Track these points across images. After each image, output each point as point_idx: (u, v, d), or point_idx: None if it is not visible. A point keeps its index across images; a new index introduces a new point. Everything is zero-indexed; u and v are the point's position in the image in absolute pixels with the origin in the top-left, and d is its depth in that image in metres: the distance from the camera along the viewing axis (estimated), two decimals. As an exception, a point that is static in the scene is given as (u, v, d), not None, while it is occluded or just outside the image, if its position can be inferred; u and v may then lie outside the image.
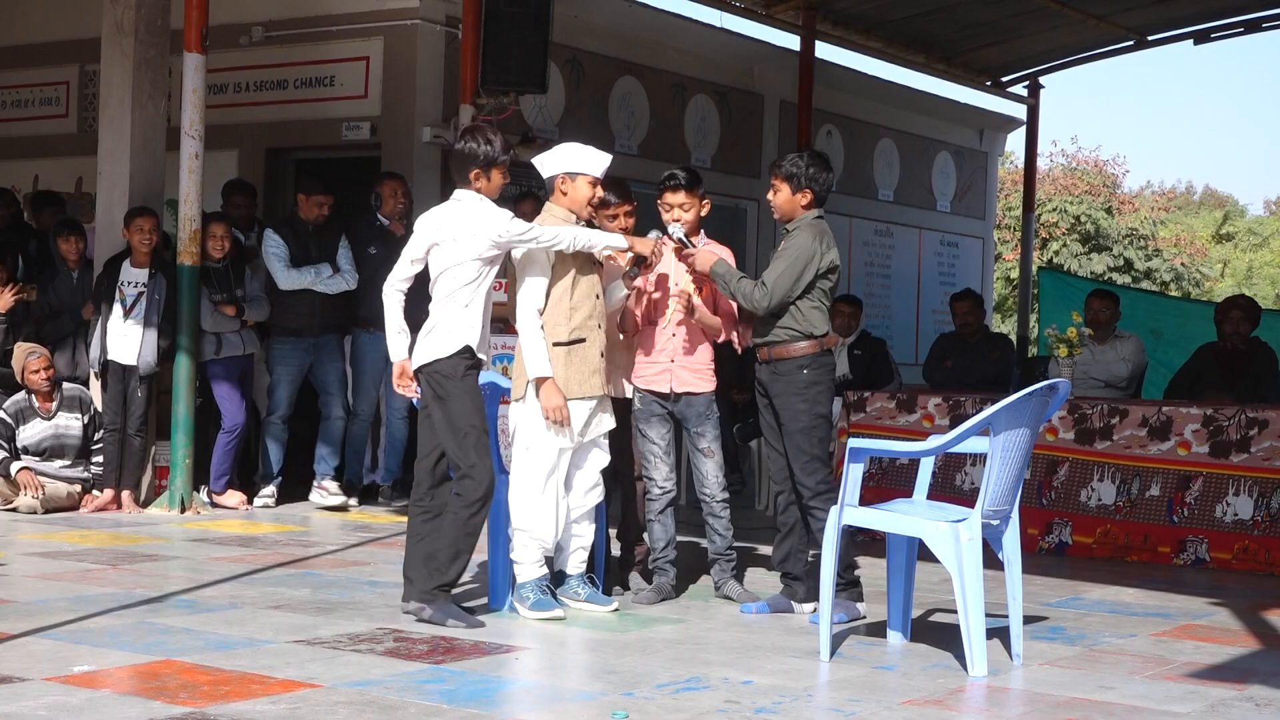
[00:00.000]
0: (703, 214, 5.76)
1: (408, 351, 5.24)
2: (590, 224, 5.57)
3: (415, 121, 9.55)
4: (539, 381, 5.29)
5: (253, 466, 8.59)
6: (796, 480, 5.44)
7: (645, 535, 5.92)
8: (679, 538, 5.88)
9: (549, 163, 5.45)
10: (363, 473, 8.59)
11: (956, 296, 9.53)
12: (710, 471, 5.74)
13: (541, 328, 5.31)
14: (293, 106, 10.03)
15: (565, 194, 5.42)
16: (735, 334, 5.76)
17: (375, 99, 9.77)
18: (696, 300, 5.67)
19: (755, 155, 12.47)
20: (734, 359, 5.97)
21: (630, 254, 5.50)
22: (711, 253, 5.63)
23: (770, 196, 5.60)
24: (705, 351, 5.78)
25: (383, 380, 8.41)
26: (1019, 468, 4.73)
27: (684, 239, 5.63)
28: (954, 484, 7.60)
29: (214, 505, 8.10)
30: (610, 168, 5.50)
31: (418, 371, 5.21)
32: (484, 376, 5.34)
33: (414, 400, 5.36)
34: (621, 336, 5.77)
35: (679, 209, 5.70)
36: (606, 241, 5.35)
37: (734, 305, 5.65)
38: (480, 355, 5.18)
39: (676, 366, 5.73)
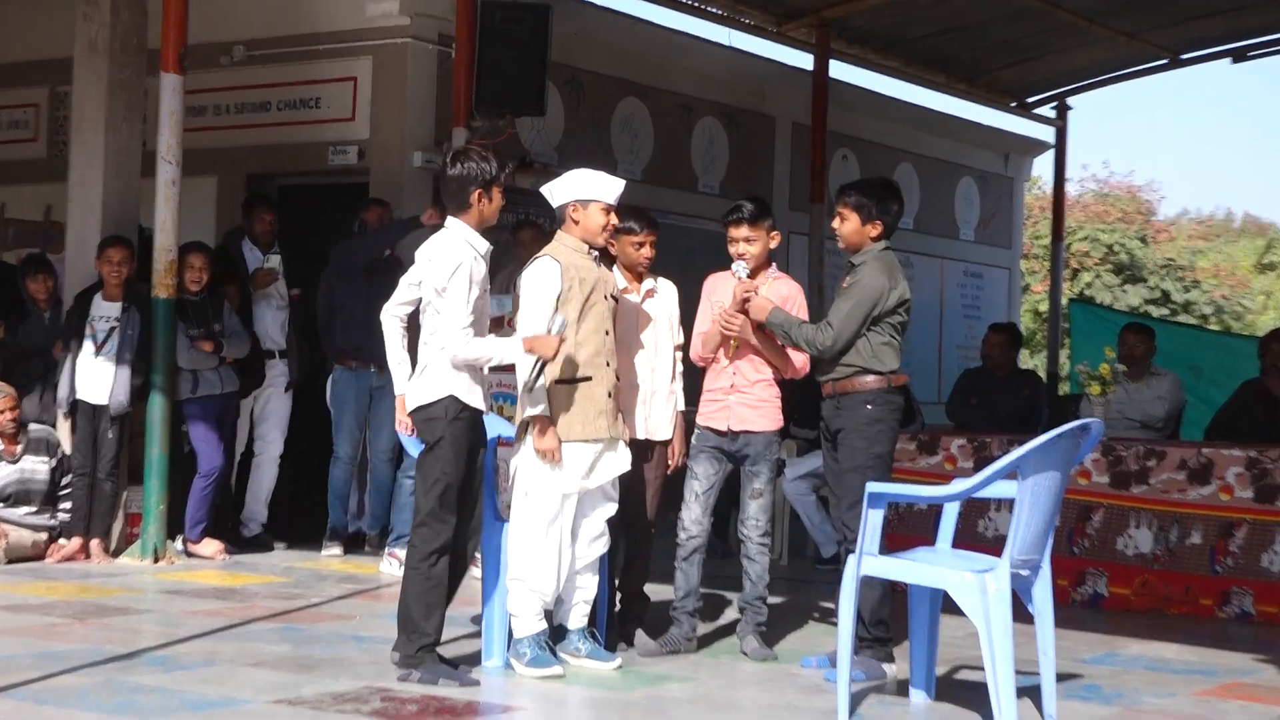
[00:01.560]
0: (771, 246, 5.80)
1: (406, 381, 5.25)
2: (605, 253, 5.62)
3: (406, 145, 9.59)
4: (534, 421, 5.30)
5: (232, 513, 8.58)
6: (842, 522, 5.43)
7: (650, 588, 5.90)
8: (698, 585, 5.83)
9: (559, 191, 5.49)
10: (346, 519, 8.56)
11: (996, 327, 9.54)
12: (755, 512, 5.75)
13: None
14: (276, 130, 10.07)
15: (577, 222, 5.45)
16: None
17: (363, 121, 9.81)
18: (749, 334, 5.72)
19: (766, 180, 12.50)
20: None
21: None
22: (767, 300, 5.65)
23: (836, 225, 5.64)
24: (767, 387, 5.80)
25: (366, 419, 8.41)
26: (1049, 514, 4.72)
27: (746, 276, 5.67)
28: (978, 531, 7.58)
29: (189, 555, 8.08)
30: (622, 194, 5.54)
31: (411, 413, 5.23)
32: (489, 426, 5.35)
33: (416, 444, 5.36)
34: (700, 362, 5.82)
35: (743, 243, 5.74)
36: (503, 356, 5.17)
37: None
38: (469, 402, 5.15)
39: (735, 403, 5.74)
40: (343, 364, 8.38)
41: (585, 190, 5.46)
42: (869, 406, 5.44)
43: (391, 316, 5.29)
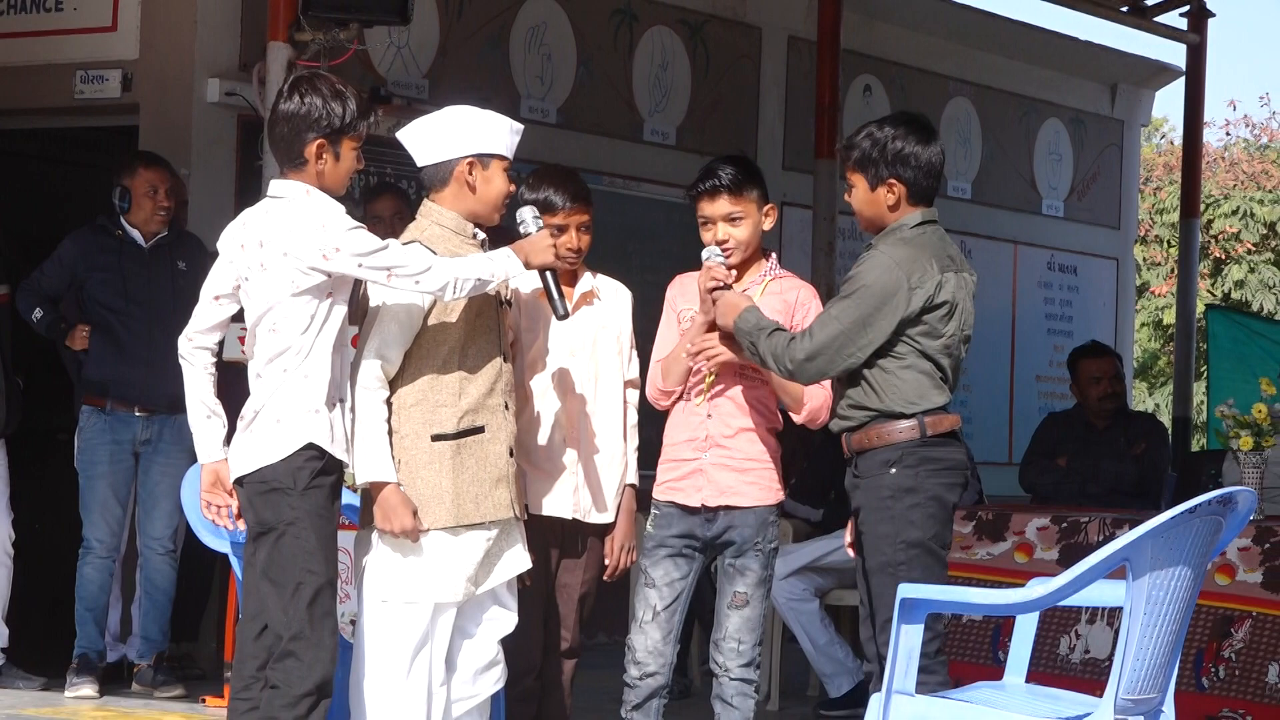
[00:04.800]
0: (765, 228, 5.85)
1: (223, 447, 5.31)
2: (500, 234, 5.65)
3: (195, 70, 9.57)
4: (374, 488, 5.33)
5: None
6: (875, 647, 5.47)
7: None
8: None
9: (440, 139, 5.48)
10: (103, 642, 8.53)
11: (1084, 351, 9.62)
12: (736, 629, 5.76)
13: (389, 405, 5.36)
14: (-7, 44, 10.06)
15: (474, 189, 5.47)
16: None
17: (130, 33, 9.78)
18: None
19: (748, 124, 12.56)
20: None
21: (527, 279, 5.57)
22: (741, 297, 5.63)
23: (847, 197, 5.68)
24: (760, 439, 5.80)
25: (132, 489, 8.40)
26: (1174, 631, 4.78)
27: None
28: (1060, 655, 7.64)
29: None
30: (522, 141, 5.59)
31: (237, 483, 5.28)
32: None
33: (230, 529, 5.38)
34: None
35: (725, 224, 5.77)
36: (505, 271, 5.39)
37: None
38: (337, 454, 5.27)
39: (712, 464, 5.76)
40: (92, 403, 8.36)
41: (487, 139, 5.48)
42: (893, 470, 5.46)
43: (195, 350, 5.36)
